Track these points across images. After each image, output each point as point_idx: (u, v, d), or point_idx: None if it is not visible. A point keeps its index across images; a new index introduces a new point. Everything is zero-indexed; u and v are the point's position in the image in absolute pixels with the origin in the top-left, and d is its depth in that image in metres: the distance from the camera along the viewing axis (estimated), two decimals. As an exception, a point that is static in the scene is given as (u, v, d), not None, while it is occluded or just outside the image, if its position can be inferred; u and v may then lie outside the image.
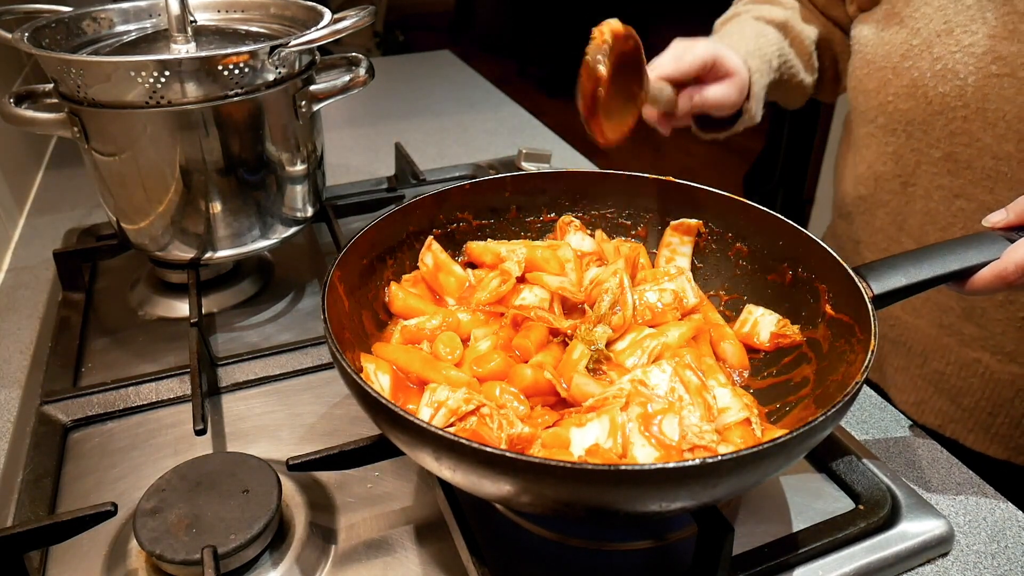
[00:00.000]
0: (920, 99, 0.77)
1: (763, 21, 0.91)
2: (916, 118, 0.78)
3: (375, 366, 0.60)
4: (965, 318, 0.79)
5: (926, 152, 0.78)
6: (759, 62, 0.85)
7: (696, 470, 0.42)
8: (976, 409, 0.82)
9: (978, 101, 0.72)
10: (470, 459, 0.44)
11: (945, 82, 0.74)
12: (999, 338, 0.78)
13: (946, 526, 0.59)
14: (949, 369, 0.83)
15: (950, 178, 0.77)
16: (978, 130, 0.73)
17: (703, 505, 0.48)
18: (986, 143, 0.73)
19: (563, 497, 0.45)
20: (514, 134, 1.40)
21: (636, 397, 0.55)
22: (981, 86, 0.72)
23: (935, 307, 0.82)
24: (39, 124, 0.75)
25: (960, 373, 0.82)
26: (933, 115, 0.76)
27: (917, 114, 0.78)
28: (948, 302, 0.80)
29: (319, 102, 0.81)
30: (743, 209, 0.70)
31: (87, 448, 0.69)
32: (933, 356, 0.84)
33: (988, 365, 0.79)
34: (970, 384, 0.81)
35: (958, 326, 0.80)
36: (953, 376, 0.82)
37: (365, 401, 0.49)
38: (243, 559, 0.54)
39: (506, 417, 0.55)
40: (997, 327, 0.77)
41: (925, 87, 0.76)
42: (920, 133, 0.78)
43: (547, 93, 4.70)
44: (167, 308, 0.88)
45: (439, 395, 0.56)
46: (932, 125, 0.77)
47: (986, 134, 0.72)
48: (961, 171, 0.76)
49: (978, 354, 0.80)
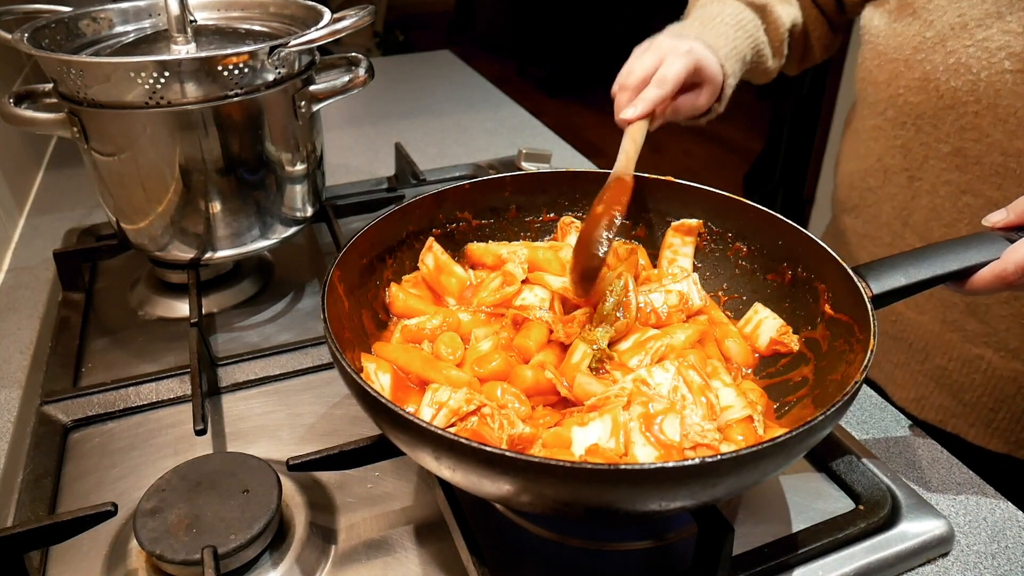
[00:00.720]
0: (931, 93, 0.76)
1: (743, 2, 0.89)
2: (926, 112, 0.78)
3: (376, 366, 0.60)
4: (969, 314, 0.79)
5: (934, 147, 0.78)
6: (734, 63, 0.84)
7: (695, 469, 0.42)
8: (978, 404, 0.82)
9: (990, 97, 0.72)
10: (470, 459, 0.44)
11: (957, 76, 0.74)
12: (1003, 335, 0.78)
13: (946, 526, 0.59)
14: (951, 365, 0.82)
15: (958, 173, 0.77)
16: (988, 126, 0.73)
17: (703, 504, 0.48)
18: (996, 139, 0.72)
19: (563, 497, 0.45)
20: (514, 134, 1.40)
21: (638, 396, 0.55)
22: (993, 82, 0.71)
23: (939, 303, 0.82)
24: (39, 124, 0.75)
25: (962, 369, 0.82)
26: (943, 109, 0.76)
27: (927, 108, 0.78)
28: (952, 298, 0.80)
29: (319, 102, 0.81)
30: (743, 209, 0.70)
31: (87, 448, 0.69)
32: (935, 352, 0.84)
33: (991, 361, 0.79)
34: (972, 380, 0.81)
35: (961, 322, 0.80)
36: (955, 372, 0.82)
37: (365, 401, 0.49)
38: (243, 559, 0.54)
39: (507, 417, 0.55)
40: (1001, 324, 0.77)
41: (936, 81, 0.76)
42: (929, 127, 0.78)
43: (547, 93, 4.70)
44: (167, 308, 0.88)
45: (440, 395, 0.56)
46: (942, 119, 0.76)
47: (996, 130, 0.72)
48: (969, 166, 0.75)
49: (981, 350, 0.80)
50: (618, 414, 0.53)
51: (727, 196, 0.71)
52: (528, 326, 0.65)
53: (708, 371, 0.60)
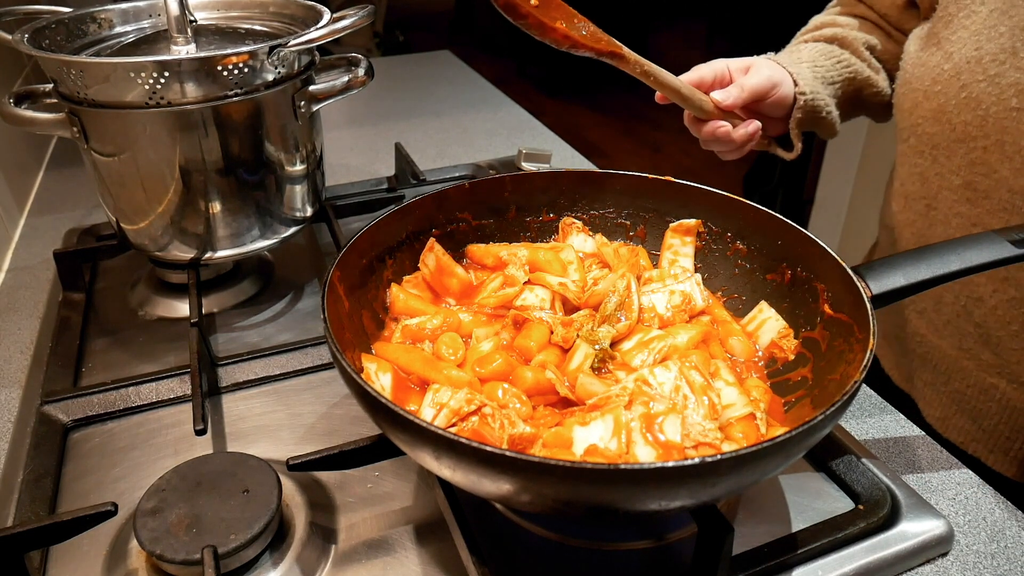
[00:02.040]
0: (944, 125, 0.76)
1: (820, 40, 0.90)
2: (940, 143, 0.78)
3: (376, 366, 0.60)
4: (983, 343, 0.79)
5: (947, 178, 0.78)
6: (811, 79, 0.84)
7: (694, 469, 0.42)
8: (995, 431, 0.82)
9: (998, 133, 0.72)
10: (470, 458, 0.44)
11: (968, 111, 0.73)
12: (1015, 367, 0.77)
13: (946, 526, 0.59)
14: (969, 391, 0.82)
15: (968, 206, 0.76)
16: (996, 162, 0.72)
17: (703, 504, 0.48)
18: (1003, 175, 0.72)
19: (562, 496, 0.45)
20: (514, 134, 1.40)
21: (639, 396, 0.55)
22: (1002, 118, 0.71)
23: (955, 330, 0.81)
24: (39, 124, 0.75)
25: (979, 396, 0.81)
26: (955, 142, 0.76)
27: (941, 140, 0.77)
28: (967, 326, 0.80)
29: (318, 102, 0.81)
30: (742, 209, 0.70)
31: (87, 448, 0.69)
32: (955, 376, 0.83)
33: (1004, 391, 0.79)
34: (988, 407, 0.81)
35: (976, 351, 0.80)
36: (973, 398, 0.82)
37: (366, 401, 0.49)
38: (243, 559, 0.55)
39: (508, 417, 0.55)
40: (1012, 356, 0.77)
41: (949, 114, 0.75)
42: (944, 158, 0.78)
43: (547, 93, 4.70)
44: (167, 308, 0.89)
45: (441, 396, 0.56)
46: (954, 152, 0.76)
47: (1004, 167, 0.72)
48: (979, 200, 0.75)
49: (995, 380, 0.79)
50: (620, 414, 0.53)
51: (726, 196, 0.71)
52: (529, 327, 0.65)
53: (711, 371, 0.60)
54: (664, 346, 0.62)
